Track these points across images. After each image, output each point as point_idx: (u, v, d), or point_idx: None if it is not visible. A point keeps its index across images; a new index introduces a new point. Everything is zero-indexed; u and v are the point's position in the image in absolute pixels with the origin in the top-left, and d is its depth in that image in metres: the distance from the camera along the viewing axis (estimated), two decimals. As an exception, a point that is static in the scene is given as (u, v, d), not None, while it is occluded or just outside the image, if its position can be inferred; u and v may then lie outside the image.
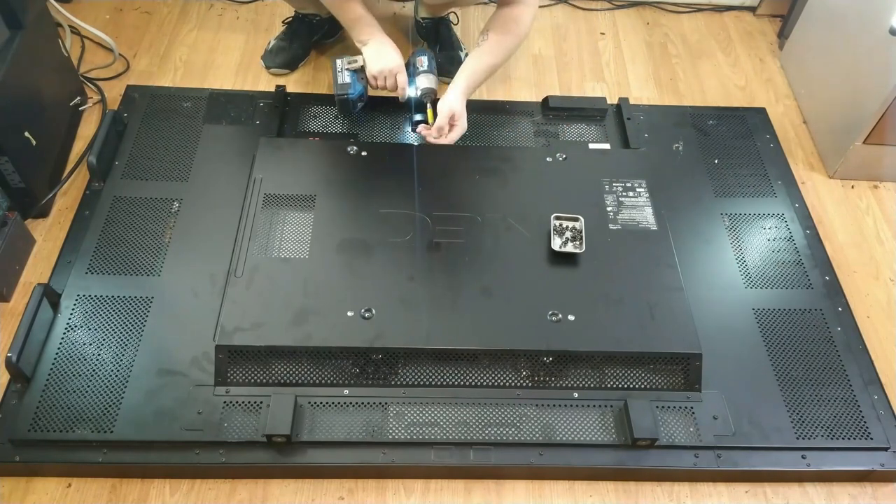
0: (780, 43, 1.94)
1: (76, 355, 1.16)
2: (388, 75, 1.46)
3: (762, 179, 1.52)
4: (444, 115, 1.42)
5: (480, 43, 1.46)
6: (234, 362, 1.15)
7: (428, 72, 1.49)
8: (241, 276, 1.21)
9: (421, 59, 1.51)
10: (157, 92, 1.60)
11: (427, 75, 1.49)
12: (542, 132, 1.59)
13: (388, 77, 1.46)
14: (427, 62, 1.50)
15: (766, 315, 1.30)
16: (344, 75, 1.49)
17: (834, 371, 1.23)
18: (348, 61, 1.49)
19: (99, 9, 1.85)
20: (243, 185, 1.36)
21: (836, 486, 1.17)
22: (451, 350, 1.16)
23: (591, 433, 1.14)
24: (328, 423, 1.13)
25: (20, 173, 1.31)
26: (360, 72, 1.49)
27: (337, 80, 1.49)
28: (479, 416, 1.15)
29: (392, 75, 1.46)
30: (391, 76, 1.46)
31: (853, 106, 1.54)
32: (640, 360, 1.19)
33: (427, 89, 1.48)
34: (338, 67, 1.50)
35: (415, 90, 1.49)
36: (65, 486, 1.10)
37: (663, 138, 1.59)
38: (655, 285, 1.25)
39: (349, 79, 1.49)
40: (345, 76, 1.49)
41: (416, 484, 1.14)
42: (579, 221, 1.29)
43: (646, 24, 1.99)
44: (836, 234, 1.51)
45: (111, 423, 1.10)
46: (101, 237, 1.32)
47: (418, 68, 1.49)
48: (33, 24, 1.38)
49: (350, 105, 1.51)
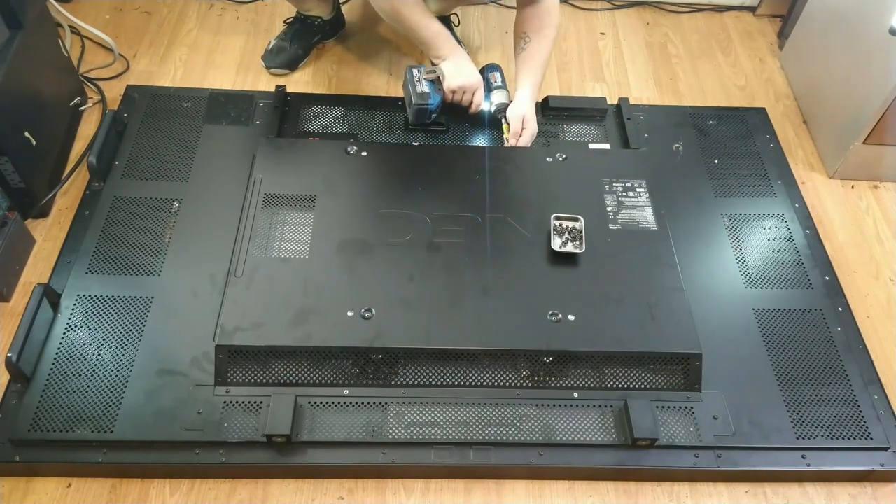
0: (780, 43, 1.94)
1: (76, 355, 1.16)
2: (468, 91, 1.47)
3: (762, 179, 1.52)
4: (518, 119, 1.46)
5: (525, 46, 1.48)
6: (234, 362, 1.15)
7: (502, 87, 1.52)
8: (241, 276, 1.21)
9: (494, 74, 1.53)
10: (157, 92, 1.60)
11: (501, 91, 1.52)
12: (542, 132, 1.59)
13: (467, 93, 1.48)
14: (500, 78, 1.53)
15: (766, 315, 1.30)
16: (423, 85, 1.48)
17: (834, 371, 1.23)
18: (427, 71, 1.48)
19: (99, 9, 1.85)
20: (243, 185, 1.36)
21: (836, 486, 1.17)
22: (451, 350, 1.16)
23: (591, 433, 1.14)
24: (328, 423, 1.13)
25: (20, 173, 1.31)
26: (437, 83, 1.49)
27: (416, 89, 1.47)
28: (479, 416, 1.15)
29: (471, 92, 1.47)
30: (470, 93, 1.47)
31: (853, 106, 1.54)
32: (640, 360, 1.19)
33: (501, 104, 1.50)
34: (415, 77, 1.48)
35: (489, 104, 1.51)
36: (65, 486, 1.10)
37: (663, 138, 1.59)
38: (655, 285, 1.25)
39: (428, 89, 1.48)
40: (423, 86, 1.48)
41: (416, 484, 1.14)
42: (579, 221, 1.29)
43: (646, 24, 1.99)
44: (836, 234, 1.51)
45: (111, 423, 1.10)
46: (101, 237, 1.32)
47: (492, 84, 1.52)
48: (33, 24, 1.38)
49: (427, 115, 1.50)
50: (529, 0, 1.45)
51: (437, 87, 1.48)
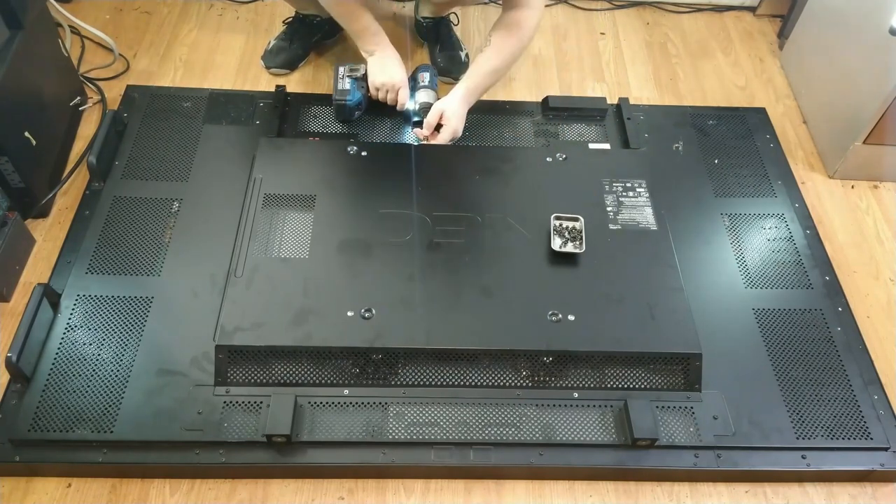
0: (780, 43, 1.94)
1: (76, 355, 1.16)
2: (391, 90, 1.49)
3: (762, 179, 1.52)
4: (435, 113, 1.44)
5: (484, 48, 1.47)
6: (234, 362, 1.15)
7: (429, 88, 1.53)
8: (241, 276, 1.21)
9: (423, 74, 1.54)
10: (157, 92, 1.60)
11: (427, 91, 1.52)
12: (542, 132, 1.59)
13: (390, 91, 1.49)
14: (429, 78, 1.54)
15: (766, 315, 1.30)
16: (344, 82, 1.51)
17: (834, 371, 1.23)
18: (350, 68, 1.51)
19: (99, 9, 1.85)
20: (243, 185, 1.36)
21: (836, 486, 1.17)
22: (451, 350, 1.16)
23: (591, 433, 1.14)
24: (328, 423, 1.12)
25: (20, 173, 1.31)
26: (361, 80, 1.51)
27: (337, 85, 1.51)
28: (479, 416, 1.15)
29: (394, 90, 1.48)
30: (393, 91, 1.49)
31: (853, 106, 1.54)
32: (640, 360, 1.19)
33: (425, 104, 1.50)
34: (339, 74, 1.51)
35: (414, 104, 1.52)
36: (65, 486, 1.10)
37: (663, 138, 1.59)
38: (655, 285, 1.25)
39: (349, 86, 1.50)
40: (345, 83, 1.51)
41: (416, 484, 1.14)
42: (579, 221, 1.29)
43: (646, 24, 1.99)
44: (836, 234, 1.51)
45: (111, 423, 1.10)
46: (101, 237, 1.32)
47: (419, 83, 1.53)
48: (33, 24, 1.38)
49: (347, 111, 1.53)
50: (511, 5, 1.43)
51: (361, 83, 1.50)
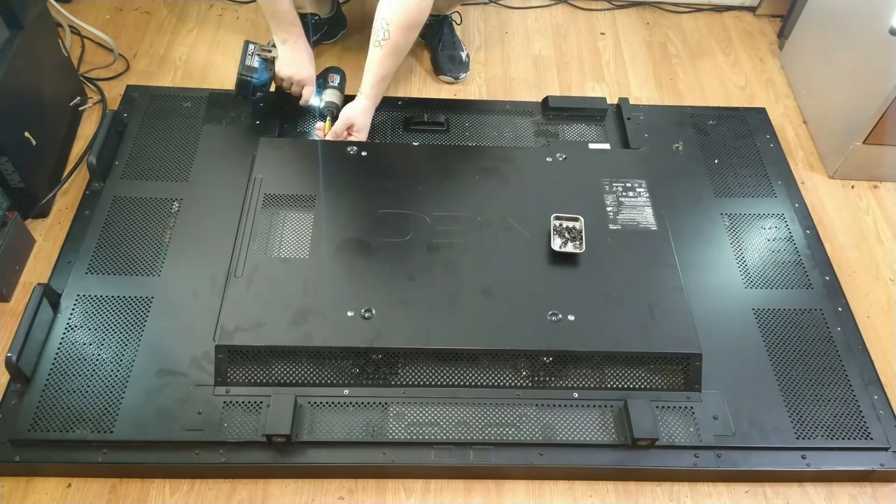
0: (780, 43, 1.94)
1: (76, 355, 1.16)
2: (296, 84, 1.50)
3: (762, 179, 1.52)
4: (342, 123, 1.43)
5: (382, 41, 1.37)
6: (234, 362, 1.15)
7: (336, 89, 1.54)
8: (241, 276, 1.21)
9: (333, 76, 1.55)
10: (157, 92, 1.60)
11: (335, 91, 1.53)
12: (542, 132, 1.59)
13: (296, 86, 1.50)
14: (339, 81, 1.55)
15: (766, 315, 1.30)
16: (253, 59, 1.47)
17: (834, 371, 1.23)
18: (261, 48, 1.48)
19: (99, 9, 1.85)
20: (243, 185, 1.36)
21: (836, 486, 1.17)
22: (451, 350, 1.16)
23: (590, 433, 1.14)
24: (328, 423, 1.12)
25: (20, 173, 1.31)
26: (270, 63, 1.49)
27: (245, 60, 1.46)
28: (479, 416, 1.15)
29: (300, 86, 1.50)
30: (298, 86, 1.50)
31: (853, 106, 1.54)
32: (640, 360, 1.19)
33: (331, 104, 1.51)
34: (249, 50, 1.47)
35: (319, 101, 1.52)
36: (65, 486, 1.10)
37: (663, 138, 1.59)
38: (655, 285, 1.25)
39: (258, 64, 1.47)
40: (254, 60, 1.47)
41: (416, 484, 1.14)
42: (579, 221, 1.29)
43: (646, 24, 1.99)
44: (836, 234, 1.51)
45: (111, 423, 1.10)
46: (101, 237, 1.32)
47: (328, 83, 1.54)
48: (33, 24, 1.38)
49: (249, 88, 1.48)
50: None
51: (270, 66, 1.49)
